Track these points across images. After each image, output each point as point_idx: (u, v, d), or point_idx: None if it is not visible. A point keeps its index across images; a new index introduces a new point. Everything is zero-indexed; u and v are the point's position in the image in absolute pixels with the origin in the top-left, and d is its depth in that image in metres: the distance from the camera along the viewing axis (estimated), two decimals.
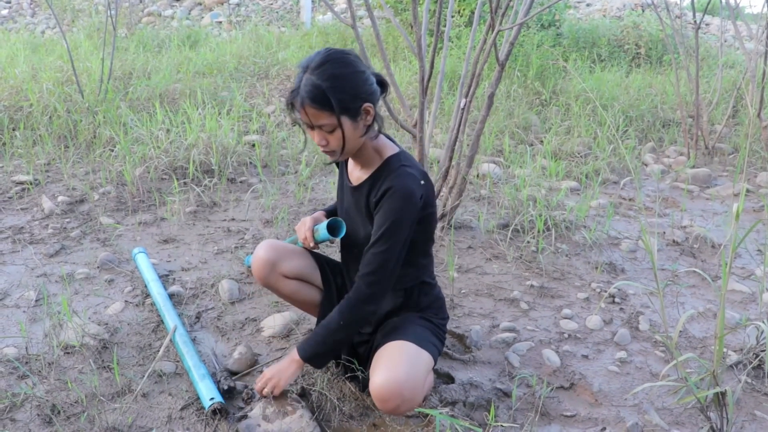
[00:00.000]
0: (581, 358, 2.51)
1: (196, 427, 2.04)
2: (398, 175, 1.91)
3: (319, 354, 2.02)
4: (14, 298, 2.78)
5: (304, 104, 1.83)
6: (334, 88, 1.79)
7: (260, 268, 2.19)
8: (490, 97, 3.30)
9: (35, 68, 5.64)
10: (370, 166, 2.02)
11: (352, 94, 1.82)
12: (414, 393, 1.83)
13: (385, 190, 1.90)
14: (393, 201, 1.88)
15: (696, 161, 5.13)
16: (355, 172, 2.08)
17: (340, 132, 1.85)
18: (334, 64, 1.81)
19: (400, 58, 6.94)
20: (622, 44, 8.33)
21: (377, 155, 2.01)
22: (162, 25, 9.93)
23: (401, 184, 1.89)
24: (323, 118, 1.83)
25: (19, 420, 2.03)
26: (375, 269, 1.93)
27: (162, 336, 2.54)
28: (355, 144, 1.93)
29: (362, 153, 2.00)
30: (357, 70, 1.84)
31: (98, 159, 4.39)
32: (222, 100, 5.57)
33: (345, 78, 1.81)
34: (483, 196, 4.12)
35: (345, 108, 1.82)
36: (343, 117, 1.83)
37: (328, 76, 1.79)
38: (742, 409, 2.23)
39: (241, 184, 4.18)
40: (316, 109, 1.81)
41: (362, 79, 1.85)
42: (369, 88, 1.87)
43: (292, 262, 2.22)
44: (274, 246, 2.21)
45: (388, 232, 1.89)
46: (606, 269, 3.24)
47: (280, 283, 2.22)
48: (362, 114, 1.87)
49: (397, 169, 1.93)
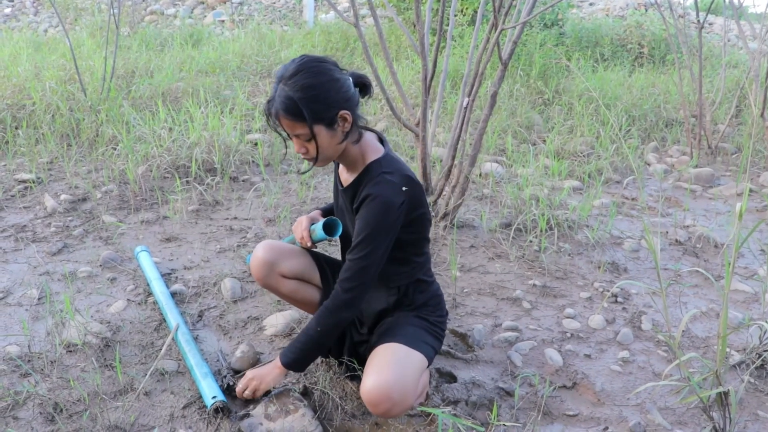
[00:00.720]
0: (584, 357, 2.51)
1: (198, 425, 2.04)
2: (377, 183, 1.91)
3: (298, 360, 2.04)
4: (17, 296, 2.78)
5: (279, 115, 1.84)
6: (307, 98, 1.79)
7: (259, 269, 2.20)
8: (493, 95, 3.30)
9: (38, 67, 5.65)
10: (355, 169, 2.02)
11: (326, 104, 1.82)
12: (404, 395, 1.83)
13: (363, 197, 1.91)
14: (370, 210, 1.89)
15: (699, 161, 5.12)
16: (344, 174, 2.09)
17: (315, 141, 1.86)
18: (307, 74, 1.80)
19: (403, 57, 6.94)
20: (625, 43, 8.31)
21: (361, 159, 2.00)
22: (164, 24, 9.94)
23: (379, 193, 1.89)
24: (298, 128, 1.84)
25: (21, 418, 2.03)
26: (352, 275, 1.93)
27: (164, 334, 2.54)
28: (334, 151, 1.93)
29: (346, 156, 2.00)
30: (331, 78, 1.83)
31: (101, 157, 4.40)
32: (225, 99, 5.57)
33: (317, 88, 1.80)
34: (485, 195, 4.12)
35: (319, 118, 1.82)
36: (317, 126, 1.83)
37: (300, 87, 1.79)
38: (745, 409, 2.22)
39: (243, 183, 4.18)
40: (290, 120, 1.83)
41: (336, 88, 1.84)
42: (344, 95, 1.85)
43: (290, 262, 2.22)
44: (273, 246, 2.21)
45: (367, 239, 1.90)
46: (609, 269, 3.23)
47: (280, 283, 2.23)
48: (339, 121, 1.87)
49: (377, 176, 1.93)
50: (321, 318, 1.98)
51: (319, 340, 2.00)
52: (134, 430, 2.02)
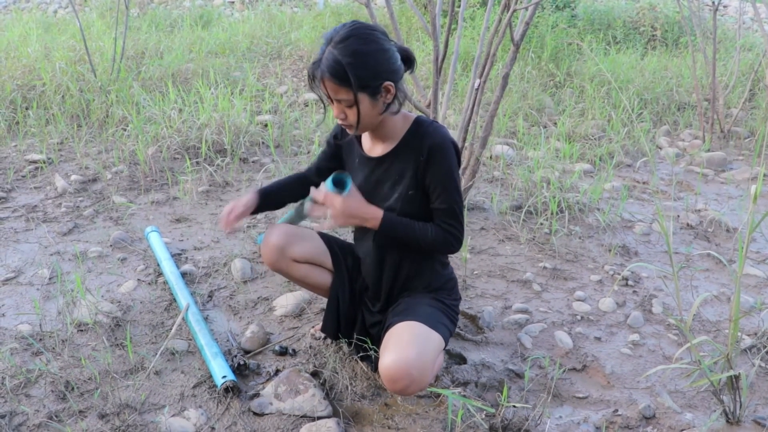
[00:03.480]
0: (594, 340, 2.50)
1: (208, 404, 2.05)
2: (436, 129, 1.94)
3: (393, 225, 1.97)
4: (28, 275, 2.80)
5: (324, 78, 1.81)
6: (355, 64, 1.77)
7: (270, 254, 2.16)
8: (504, 77, 3.27)
9: (48, 48, 5.65)
10: (395, 137, 1.99)
11: (373, 73, 1.80)
12: (423, 373, 1.82)
13: (429, 146, 1.91)
14: (444, 153, 1.91)
15: (711, 145, 5.07)
16: (376, 146, 2.04)
17: (357, 109, 1.84)
18: (358, 39, 1.78)
19: (414, 39, 6.89)
20: (637, 26, 8.22)
21: (402, 124, 1.99)
22: (174, 5, 9.90)
23: (444, 136, 1.93)
24: (342, 93, 1.81)
25: (33, 396, 2.05)
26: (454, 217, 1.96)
27: (174, 314, 2.55)
28: (373, 120, 1.91)
29: (383, 127, 1.97)
30: (381, 48, 1.81)
31: (111, 138, 4.40)
32: (234, 80, 5.56)
33: (367, 55, 1.78)
34: (496, 178, 4.10)
35: (364, 85, 1.80)
36: (361, 94, 1.81)
37: (350, 52, 1.77)
38: (756, 392, 2.21)
39: (253, 164, 4.18)
40: (335, 84, 1.80)
41: (385, 58, 1.82)
42: (391, 66, 1.84)
43: (302, 246, 2.19)
44: (284, 230, 2.17)
45: (452, 181, 1.93)
46: (619, 252, 3.22)
47: (291, 268, 2.19)
48: (382, 92, 1.85)
49: (431, 125, 1.96)
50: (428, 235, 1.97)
51: (415, 236, 1.97)
52: (144, 408, 2.03)
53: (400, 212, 1.97)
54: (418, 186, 1.95)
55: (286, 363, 2.27)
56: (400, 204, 1.97)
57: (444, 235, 1.97)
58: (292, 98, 5.45)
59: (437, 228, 1.98)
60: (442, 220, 1.97)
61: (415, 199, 1.97)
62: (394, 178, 1.99)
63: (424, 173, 1.93)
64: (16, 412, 1.97)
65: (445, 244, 1.98)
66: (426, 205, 1.98)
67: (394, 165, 1.99)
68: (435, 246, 1.99)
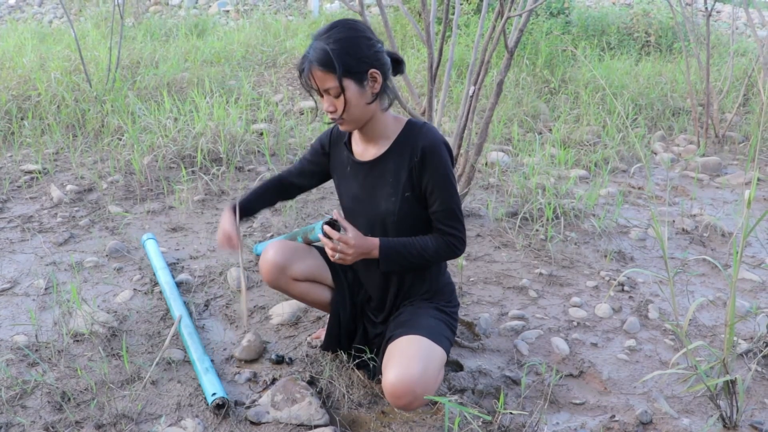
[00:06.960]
0: (590, 346, 2.50)
1: (204, 414, 2.05)
2: (428, 130, 1.95)
3: (395, 251, 1.96)
4: (24, 286, 2.79)
5: (311, 68, 1.83)
6: (338, 50, 1.80)
7: (270, 272, 2.13)
8: (499, 84, 3.28)
9: (43, 58, 5.65)
10: (386, 139, 1.99)
11: (357, 57, 1.82)
12: (426, 390, 1.81)
13: (422, 147, 1.91)
14: (437, 154, 1.92)
15: (706, 150, 5.09)
16: (368, 149, 2.03)
17: (344, 96, 1.84)
18: (341, 28, 1.83)
19: (409, 47, 6.91)
20: (631, 32, 8.26)
21: (394, 126, 2.00)
22: (169, 14, 9.92)
23: (436, 137, 1.94)
24: (329, 81, 1.82)
25: (29, 407, 2.04)
26: (454, 217, 1.97)
27: (170, 324, 2.54)
28: (362, 111, 1.89)
29: (375, 125, 1.97)
30: (364, 35, 1.85)
31: (106, 148, 4.40)
32: (230, 89, 5.56)
33: (349, 40, 1.82)
34: (492, 184, 4.11)
35: (348, 70, 1.81)
36: (347, 80, 1.82)
37: (334, 40, 1.81)
38: (752, 397, 2.22)
39: (249, 173, 4.18)
40: (322, 71, 1.81)
41: (367, 44, 1.85)
42: (375, 54, 1.86)
43: (302, 264, 2.16)
44: (284, 247, 2.14)
45: (449, 184, 1.94)
46: (615, 257, 3.22)
47: (290, 286, 2.17)
48: (368, 80, 1.86)
49: (423, 126, 1.97)
50: (429, 248, 1.98)
51: (417, 252, 1.97)
52: (141, 418, 2.02)
53: (399, 215, 1.97)
54: (414, 188, 1.96)
55: (282, 372, 2.26)
56: (399, 206, 1.96)
57: (446, 241, 1.98)
58: (288, 107, 5.45)
59: (436, 237, 1.98)
60: (443, 222, 1.97)
61: (413, 201, 1.97)
62: (390, 181, 1.98)
63: (419, 176, 1.93)
64: (12, 424, 1.96)
65: (449, 249, 1.99)
66: (423, 208, 1.99)
67: (388, 167, 1.98)
68: (439, 255, 1.99)
